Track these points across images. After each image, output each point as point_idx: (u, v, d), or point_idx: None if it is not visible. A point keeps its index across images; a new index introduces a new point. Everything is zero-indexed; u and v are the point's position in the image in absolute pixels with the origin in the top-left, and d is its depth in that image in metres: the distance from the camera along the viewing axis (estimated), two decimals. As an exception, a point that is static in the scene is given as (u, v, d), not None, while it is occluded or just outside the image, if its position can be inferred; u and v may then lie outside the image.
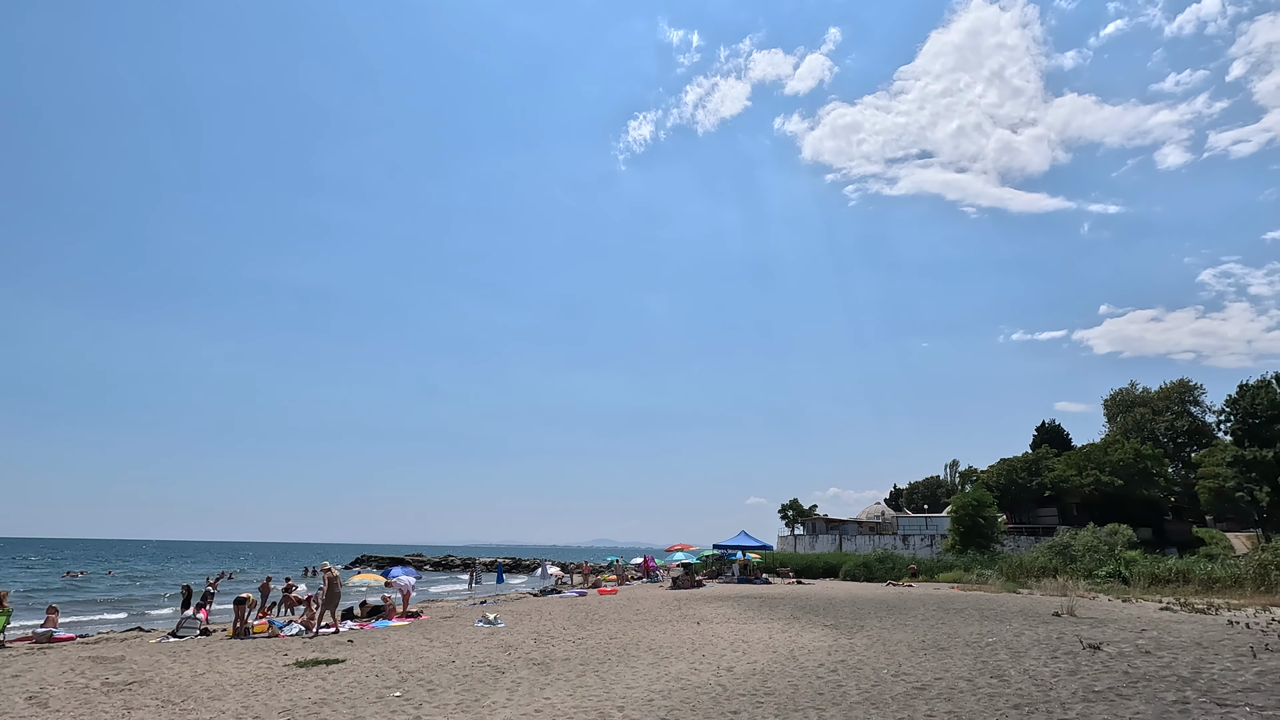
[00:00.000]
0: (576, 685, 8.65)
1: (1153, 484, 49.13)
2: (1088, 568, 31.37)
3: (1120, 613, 16.93)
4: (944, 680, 8.31)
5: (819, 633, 13.52)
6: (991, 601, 20.65)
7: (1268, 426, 43.58)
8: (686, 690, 8.19)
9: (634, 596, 24.57)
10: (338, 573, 15.86)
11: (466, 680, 9.14)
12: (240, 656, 11.93)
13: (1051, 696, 7.21)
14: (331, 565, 15.68)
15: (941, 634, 12.97)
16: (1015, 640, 11.78)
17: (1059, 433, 67.40)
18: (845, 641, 12.26)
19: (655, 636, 13.43)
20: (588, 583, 34.79)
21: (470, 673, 9.71)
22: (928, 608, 18.60)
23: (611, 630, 14.62)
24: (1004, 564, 34.22)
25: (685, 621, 16.05)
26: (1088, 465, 50.20)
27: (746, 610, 18.54)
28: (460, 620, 17.48)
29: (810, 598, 22.76)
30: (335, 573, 15.55)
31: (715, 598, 23.24)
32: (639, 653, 11.37)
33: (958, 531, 43.96)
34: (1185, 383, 67.41)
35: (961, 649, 11.01)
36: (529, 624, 16.21)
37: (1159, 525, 49.65)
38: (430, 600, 28.10)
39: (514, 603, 23.79)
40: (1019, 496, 54.19)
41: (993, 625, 14.25)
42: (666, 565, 44.10)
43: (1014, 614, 16.54)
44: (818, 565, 42.91)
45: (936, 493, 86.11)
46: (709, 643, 12.41)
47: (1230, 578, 26.57)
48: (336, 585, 15.42)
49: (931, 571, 37.99)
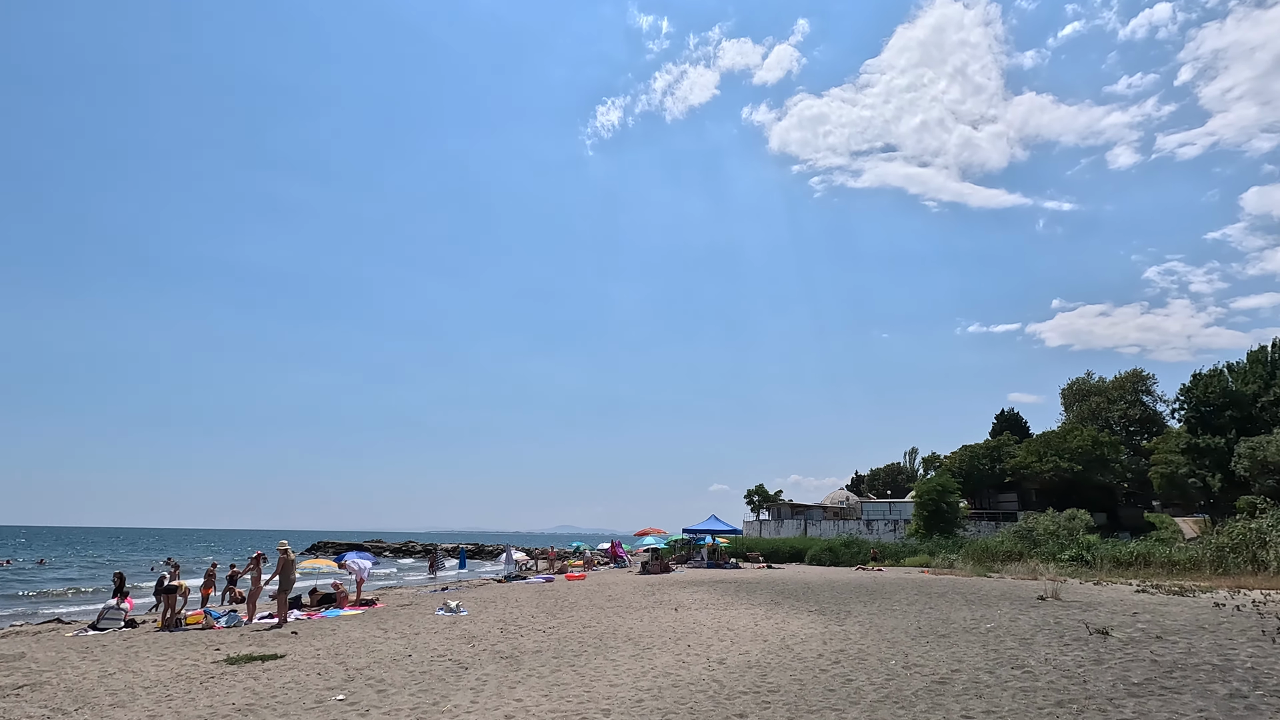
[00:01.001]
0: (551, 683, 7.58)
1: (1108, 470, 50.30)
2: (1051, 551, 31.67)
3: (1100, 596, 16.64)
4: (962, 673, 7.49)
5: (806, 619, 12.72)
6: (968, 586, 20.31)
7: (1219, 415, 44.84)
8: (679, 688, 7.19)
9: (603, 582, 23.60)
10: (294, 555, 14.38)
11: (424, 678, 7.97)
12: (164, 652, 10.51)
13: (1091, 691, 6.43)
14: (289, 546, 14.19)
15: (934, 619, 12.30)
16: (1014, 626, 11.16)
17: (1018, 420, 68.71)
18: (837, 629, 11.46)
19: (633, 625, 12.44)
20: (554, 568, 33.70)
21: (429, 669, 8.54)
22: (907, 592, 18.07)
23: (584, 618, 13.58)
24: (970, 548, 34.42)
25: (662, 608, 15.12)
26: (1048, 452, 51.08)
27: (723, 596, 17.73)
28: (420, 608, 16.21)
29: (785, 582, 22.13)
30: (292, 555, 14.10)
31: (688, 583, 22.43)
32: (618, 643, 10.36)
33: (922, 516, 44.26)
34: (1139, 373, 69.47)
35: (963, 636, 10.30)
36: (494, 612, 15.06)
37: (1113, 510, 50.98)
38: (389, 588, 26.64)
39: (477, 589, 22.56)
40: (980, 482, 54.95)
41: (982, 610, 13.69)
42: (634, 550, 43.33)
43: (997, 598, 16.08)
44: (784, 550, 42.69)
45: (898, 479, 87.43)
46: (692, 631, 11.47)
47: (1188, 560, 27.01)
48: (291, 570, 13.97)
49: (897, 556, 38.06)
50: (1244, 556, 25.03)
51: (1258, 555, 24.63)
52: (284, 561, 13.94)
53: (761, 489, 68.25)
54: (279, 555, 13.98)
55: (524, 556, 34.40)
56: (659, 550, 38.18)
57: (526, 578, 28.36)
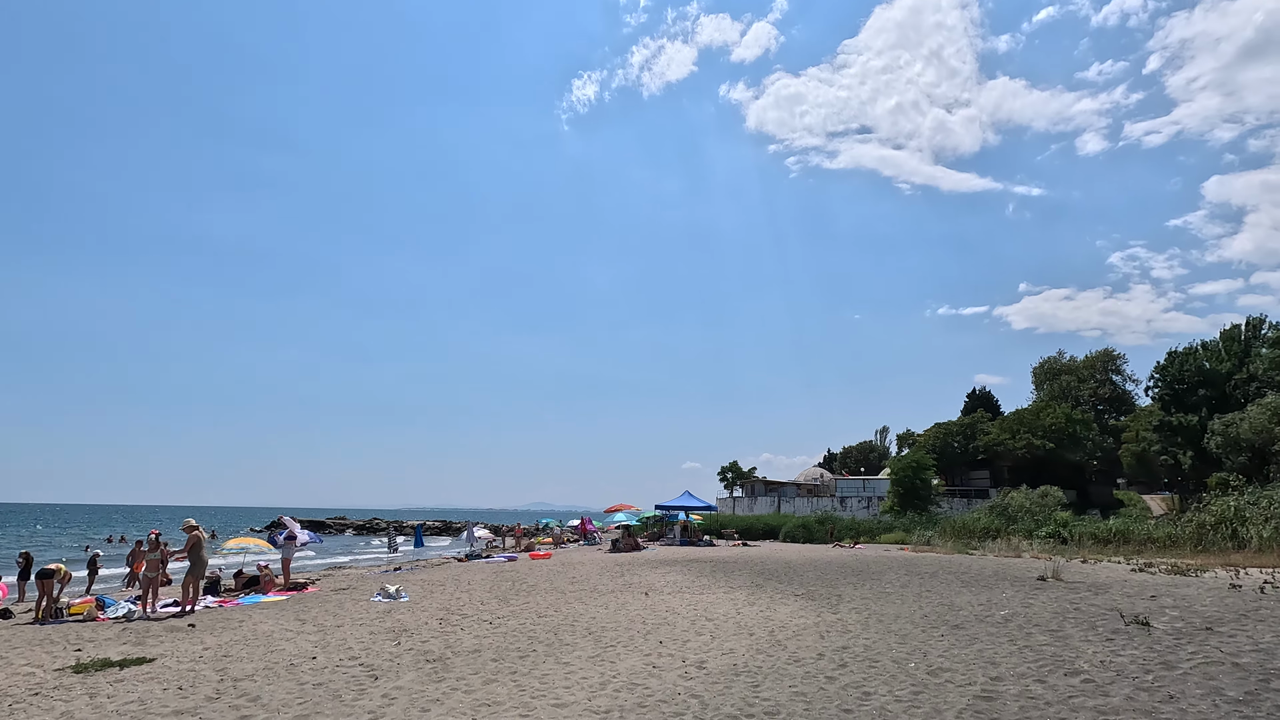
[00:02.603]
0: (480, 701, 5.78)
1: (1080, 448, 50.21)
2: (1027, 528, 31.03)
3: (1100, 576, 15.46)
4: (1005, 681, 5.90)
5: (794, 606, 11.14)
6: (955, 564, 19.09)
7: (1192, 393, 44.75)
8: (647, 709, 5.45)
9: (569, 561, 21.89)
10: (204, 534, 12.28)
11: (313, 695, 6.10)
12: (11, 652, 8.47)
13: (1191, 713, 4.85)
14: (197, 524, 12.11)
15: (938, 605, 10.83)
16: (1031, 613, 9.72)
17: (990, 399, 68.68)
18: (831, 618, 9.89)
19: (596, 614, 10.72)
20: (520, 546, 31.98)
21: (328, 680, 6.67)
22: (896, 572, 16.73)
23: (541, 604, 11.83)
24: (947, 525, 33.70)
25: (631, 592, 13.44)
26: (1021, 429, 50.81)
27: (699, 577, 16.15)
28: (356, 593, 14.29)
29: (763, 561, 20.70)
30: (201, 534, 12.02)
31: (660, 562, 20.86)
32: (575, 639, 8.61)
33: (897, 493, 43.54)
34: (1109, 352, 69.76)
35: (980, 627, 8.79)
36: (440, 597, 13.22)
37: (1083, 488, 51.01)
38: (338, 568, 24.64)
39: (431, 570, 20.69)
40: (953, 460, 54.59)
41: (984, 593, 12.30)
42: (605, 527, 41.82)
43: (994, 578, 14.78)
44: (758, 527, 41.65)
45: (870, 457, 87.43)
46: (664, 622, 9.79)
47: (1167, 537, 26.53)
48: (200, 550, 11.90)
49: (872, 533, 37.30)
50: (1223, 534, 24.59)
51: (1238, 532, 24.18)
52: (194, 541, 11.87)
53: (735, 466, 67.30)
54: (188, 535, 11.92)
55: (487, 533, 32.58)
56: (630, 528, 36.75)
57: (489, 556, 26.57)
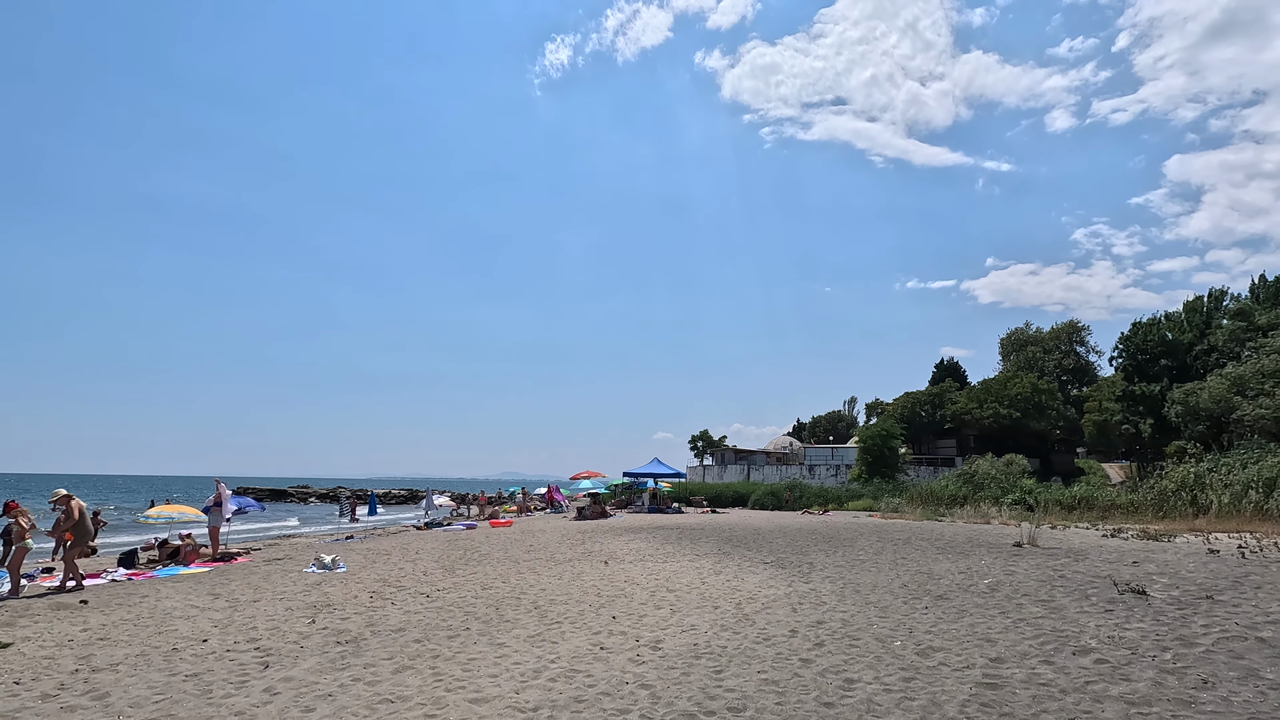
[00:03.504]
0: (382, 695, 4.74)
1: (1044, 417, 50.86)
2: (993, 495, 31.09)
3: (1073, 541, 15.05)
4: (1007, 662, 5.07)
5: (763, 575, 10.32)
6: (927, 531, 18.64)
7: (1154, 363, 45.39)
8: (585, 703, 4.48)
9: (530, 529, 20.95)
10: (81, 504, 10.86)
11: (182, 689, 5.00)
12: None
13: (1233, 700, 4.05)
14: (70, 494, 10.71)
15: (915, 573, 10.12)
16: (1016, 580, 9.05)
17: (957, 369, 69.32)
18: (804, 587, 9.08)
19: (547, 584, 9.75)
20: (484, 515, 30.98)
21: (207, 669, 5.56)
22: (867, 538, 16.14)
23: (489, 575, 10.83)
24: (914, 492, 33.71)
25: (590, 560, 12.52)
26: (988, 399, 51.23)
27: (664, 544, 15.32)
28: (291, 564, 13.11)
29: (732, 528, 20.03)
30: (78, 504, 10.64)
31: (625, 529, 20.05)
32: (519, 614, 7.62)
33: (865, 461, 43.63)
34: (1074, 324, 70.67)
35: (966, 597, 8.05)
36: (381, 567, 12.13)
37: (1046, 456, 51.83)
38: (286, 536, 23.32)
39: (384, 539, 19.55)
40: (921, 429, 55.00)
41: (962, 560, 11.68)
42: (573, 495, 41.05)
43: (968, 544, 14.25)
44: (727, 494, 41.35)
45: (838, 426, 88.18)
46: (621, 594, 8.86)
47: (1129, 504, 26.71)
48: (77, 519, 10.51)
49: (840, 500, 37.24)
50: (1184, 500, 24.78)
51: (1197, 498, 24.38)
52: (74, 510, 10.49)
53: (706, 434, 67.09)
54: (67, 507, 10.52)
55: (447, 501, 31.45)
56: (599, 495, 36.00)
57: (448, 524, 25.52)
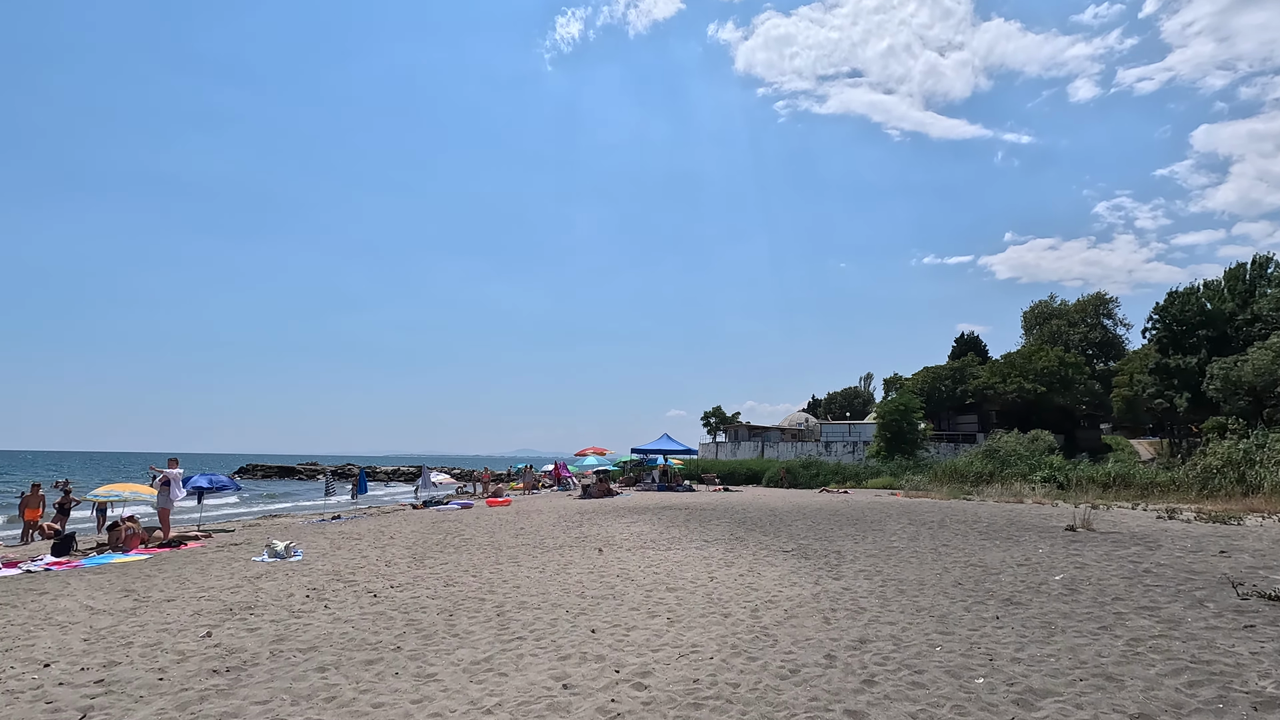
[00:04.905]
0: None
1: (1070, 392, 48.74)
2: (1021, 472, 29.39)
3: (1130, 524, 13.36)
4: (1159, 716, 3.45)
5: (783, 567, 8.75)
6: (958, 511, 16.98)
7: (1191, 334, 43.00)
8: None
9: (526, 509, 19.54)
10: None
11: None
12: None
13: None
14: None
15: (966, 566, 8.50)
16: (1092, 577, 7.42)
17: (978, 343, 67.08)
18: (834, 585, 7.50)
19: (524, 580, 8.24)
20: (487, 492, 29.72)
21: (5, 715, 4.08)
22: (897, 520, 14.54)
23: (460, 566, 9.36)
24: (938, 469, 32.08)
25: (582, 547, 11.01)
26: (1012, 373, 49.18)
27: (670, 527, 13.80)
28: (249, 549, 11.72)
29: (746, 508, 18.48)
30: None
31: (630, 509, 18.58)
32: (473, 625, 6.10)
33: (884, 438, 41.98)
34: (1101, 296, 68.07)
35: (1044, 602, 6.43)
36: (344, 555, 10.71)
37: (1071, 432, 49.77)
38: (271, 516, 22.17)
39: (369, 519, 18.21)
40: (941, 404, 53.08)
41: (1013, 548, 10.06)
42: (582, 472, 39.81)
43: (1014, 529, 12.60)
44: (741, 472, 39.92)
45: (854, 402, 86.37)
46: (610, 593, 7.33)
47: (1170, 481, 25.02)
48: None
49: (859, 478, 35.70)
50: (1230, 478, 23.08)
51: (1245, 476, 22.65)
52: None
53: (719, 411, 65.52)
54: None
55: (446, 478, 30.18)
56: (609, 472, 34.60)
57: (446, 503, 24.23)
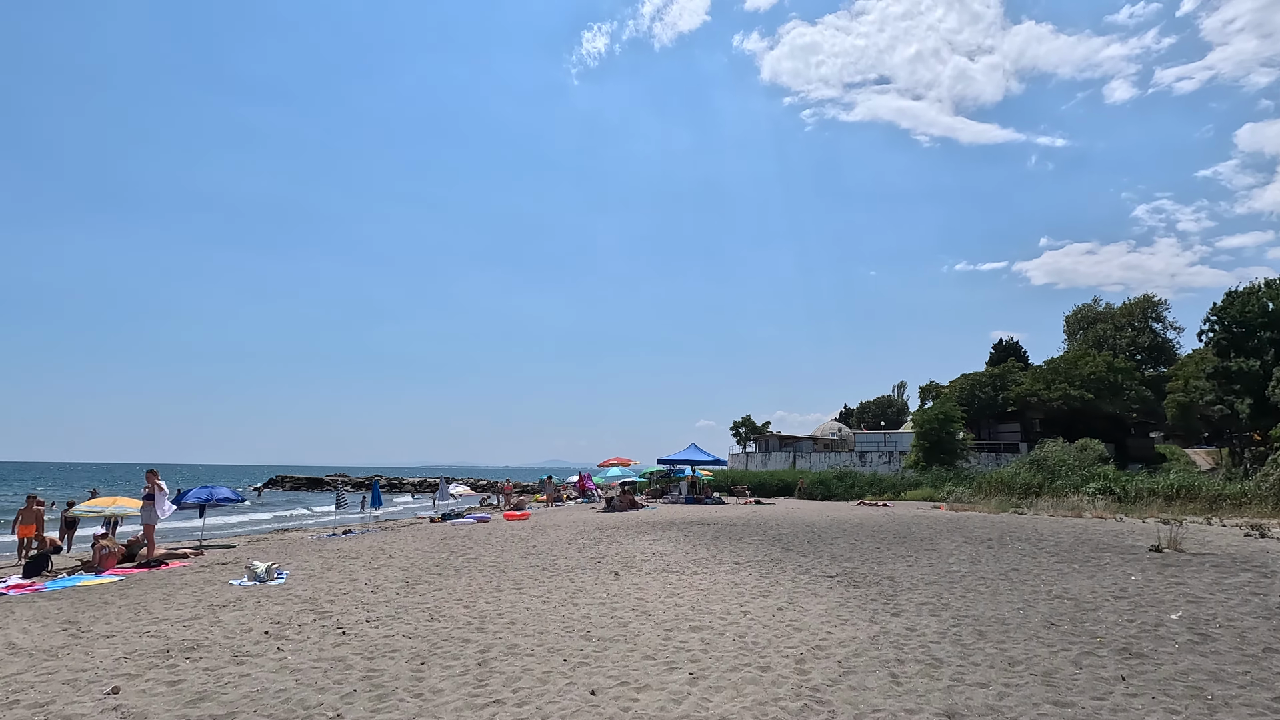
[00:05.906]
0: None
1: (1119, 399, 46.09)
2: (1072, 484, 27.35)
3: (1219, 543, 11.69)
4: None
5: (830, 599, 7.46)
6: (1015, 527, 15.33)
7: (1253, 336, 40.23)
8: None
9: (544, 524, 18.41)
10: None
11: None
12: None
13: None
14: None
15: (1049, 598, 7.12)
16: (1215, 616, 6.01)
17: (1018, 349, 64.44)
18: (894, 624, 6.20)
19: (524, 611, 7.10)
20: (509, 504, 28.74)
21: None
22: (949, 538, 13.05)
23: (454, 593, 8.25)
24: (983, 481, 30.16)
25: (597, 570, 9.83)
26: (1056, 379, 46.69)
27: (697, 545, 12.54)
28: (227, 571, 10.77)
29: (781, 523, 17.07)
30: None
31: (653, 524, 17.33)
32: (445, 679, 4.97)
33: (922, 448, 40.10)
34: (1149, 298, 64.81)
35: (1178, 655, 5.08)
36: (332, 577, 9.69)
37: (1121, 441, 47.05)
38: (283, 530, 21.45)
39: (375, 534, 17.29)
40: (980, 412, 50.74)
41: (1095, 573, 8.61)
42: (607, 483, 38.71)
43: (1086, 549, 11.06)
44: (772, 483, 38.37)
45: (888, 411, 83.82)
46: (621, 634, 6.13)
47: (1241, 494, 22.88)
48: None
49: (896, 489, 33.91)
50: (1312, 490, 20.87)
51: (1331, 487, 20.44)
52: None
53: (749, 420, 63.84)
54: None
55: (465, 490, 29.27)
56: (635, 484, 33.37)
57: (463, 516, 23.29)
